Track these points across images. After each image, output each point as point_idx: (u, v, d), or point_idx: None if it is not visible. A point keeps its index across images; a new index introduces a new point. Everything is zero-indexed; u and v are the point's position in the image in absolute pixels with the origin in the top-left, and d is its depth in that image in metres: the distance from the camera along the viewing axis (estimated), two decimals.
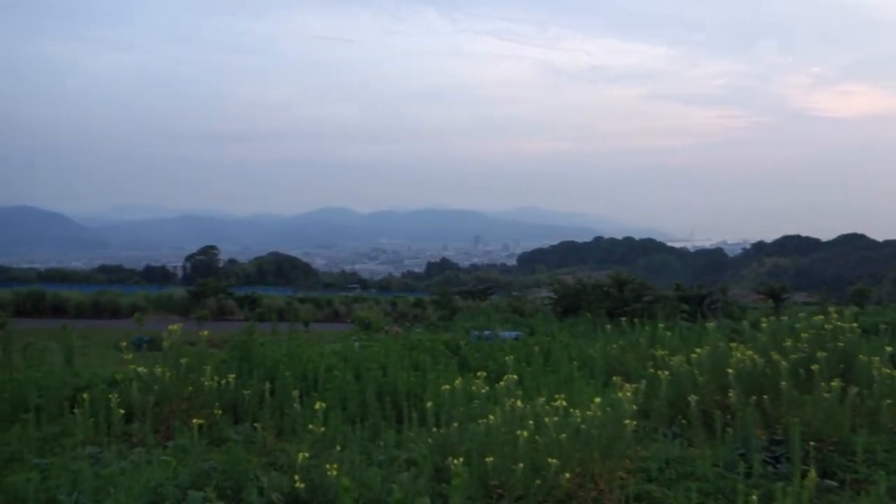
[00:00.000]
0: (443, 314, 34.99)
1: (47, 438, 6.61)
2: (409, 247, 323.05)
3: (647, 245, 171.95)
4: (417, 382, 8.58)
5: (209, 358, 8.90)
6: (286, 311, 33.56)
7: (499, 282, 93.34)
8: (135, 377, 7.16)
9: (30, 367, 9.05)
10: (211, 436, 6.90)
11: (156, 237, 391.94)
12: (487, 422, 5.32)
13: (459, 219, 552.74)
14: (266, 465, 6.03)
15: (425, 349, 10.41)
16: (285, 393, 7.69)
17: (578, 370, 9.41)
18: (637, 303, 29.01)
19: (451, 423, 5.63)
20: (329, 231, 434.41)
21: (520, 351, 11.14)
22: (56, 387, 7.98)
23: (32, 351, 9.71)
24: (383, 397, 8.09)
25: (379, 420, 7.28)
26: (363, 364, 8.97)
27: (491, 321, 30.02)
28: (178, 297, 34.69)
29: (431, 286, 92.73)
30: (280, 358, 8.79)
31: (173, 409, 7.06)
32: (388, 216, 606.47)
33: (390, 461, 6.06)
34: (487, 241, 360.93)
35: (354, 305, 37.25)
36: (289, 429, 7.17)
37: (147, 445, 6.42)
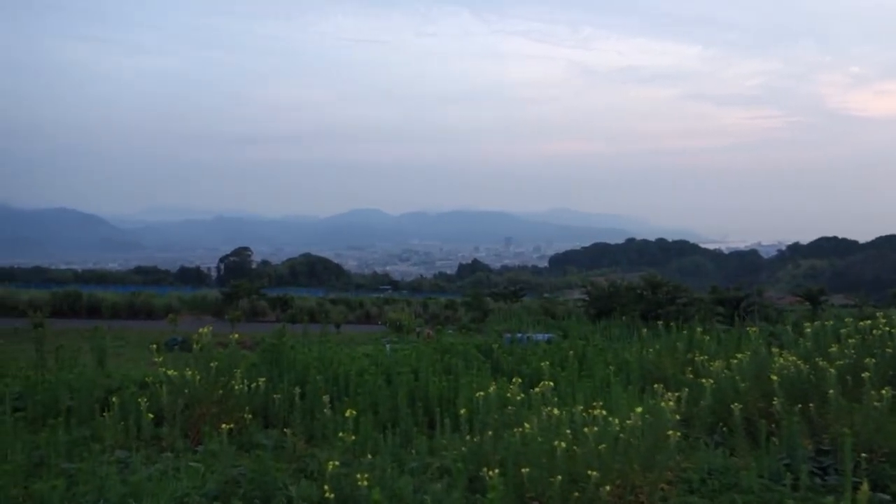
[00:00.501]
0: (474, 316, 34.81)
1: (77, 442, 6.56)
2: (440, 248, 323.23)
3: (680, 247, 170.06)
4: (450, 387, 8.42)
5: (240, 361, 8.83)
6: (318, 313, 33.61)
7: (530, 283, 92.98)
8: (165, 380, 7.09)
9: (61, 368, 9.04)
10: (241, 441, 6.81)
11: (190, 238, 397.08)
12: (523, 430, 5.13)
13: (491, 220, 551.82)
14: (296, 472, 5.91)
15: (457, 353, 10.24)
16: (316, 397, 7.57)
17: (614, 375, 9.17)
18: (671, 305, 28.57)
19: (486, 430, 5.45)
20: (360, 232, 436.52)
21: (553, 355, 10.92)
22: (87, 389, 7.95)
23: (64, 352, 9.71)
24: (415, 402, 7.94)
25: (410, 426, 7.13)
26: (394, 368, 8.83)
27: (523, 323, 29.79)
28: (211, 298, 34.93)
29: (463, 287, 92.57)
30: (311, 362, 8.69)
31: (203, 413, 6.98)
32: (420, 217, 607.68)
33: (423, 469, 5.90)
34: (519, 242, 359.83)
35: (386, 307, 37.19)
36: (319, 434, 7.05)
37: (176, 450, 6.34)
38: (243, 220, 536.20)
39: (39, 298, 31.46)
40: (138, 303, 32.04)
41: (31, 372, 9.26)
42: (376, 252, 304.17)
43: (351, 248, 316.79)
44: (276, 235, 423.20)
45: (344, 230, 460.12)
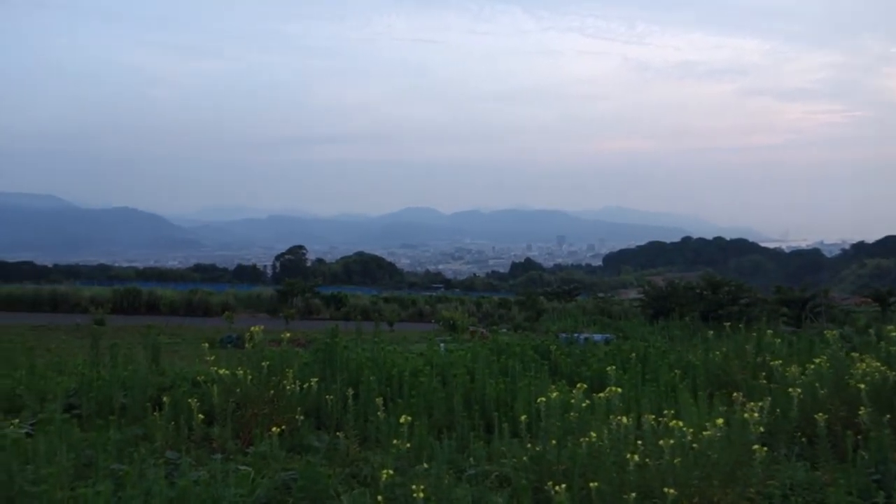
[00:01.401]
0: (528, 315, 34.36)
1: (128, 441, 6.44)
2: (492, 247, 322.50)
3: (739, 245, 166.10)
4: (507, 390, 8.10)
5: (292, 360, 8.65)
6: (371, 311, 33.58)
7: (584, 283, 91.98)
8: (216, 379, 6.93)
9: (115, 366, 9.00)
10: (292, 443, 6.60)
11: (247, 237, 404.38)
12: (589, 440, 4.78)
13: (543, 219, 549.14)
14: (348, 477, 5.67)
15: (514, 354, 9.91)
16: (369, 399, 7.34)
17: (680, 380, 8.73)
18: (733, 306, 27.72)
19: (548, 438, 5.12)
20: (413, 231, 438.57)
21: (614, 357, 10.51)
22: (140, 387, 7.86)
23: (118, 349, 9.68)
24: (471, 405, 7.64)
25: (467, 431, 6.83)
26: (449, 369, 8.55)
27: (578, 323, 29.34)
28: (266, 295, 35.22)
29: (515, 286, 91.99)
30: (364, 362, 8.46)
31: (254, 414, 6.79)
32: (472, 216, 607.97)
33: (481, 478, 5.60)
34: (572, 241, 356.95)
35: (439, 305, 36.97)
36: (373, 437, 6.81)
37: (227, 452, 6.16)
38: (299, 220, 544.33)
39: (101, 295, 32.10)
40: (195, 300, 32.46)
41: (86, 369, 9.24)
42: (429, 251, 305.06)
43: (404, 246, 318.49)
44: (331, 234, 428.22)
45: (397, 229, 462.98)
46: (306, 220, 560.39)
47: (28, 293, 32.06)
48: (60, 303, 31.15)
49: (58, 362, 10.20)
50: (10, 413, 7.83)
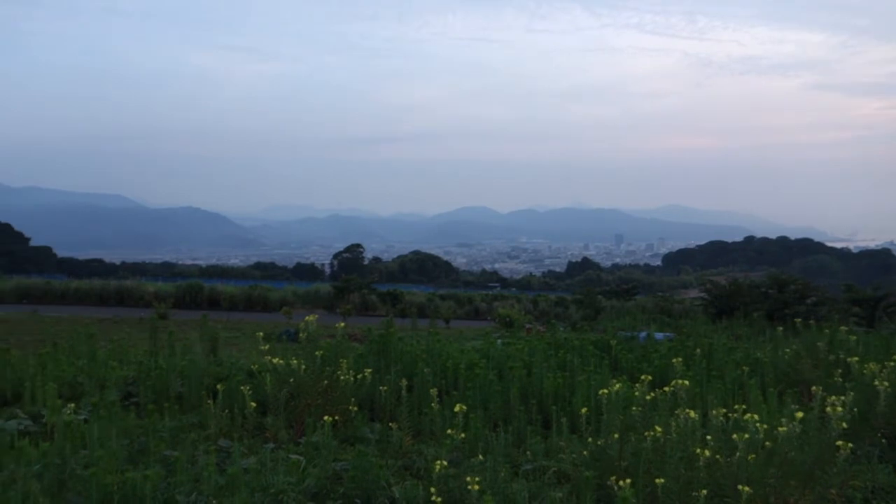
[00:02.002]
0: (586, 314, 33.85)
1: (183, 428, 6.42)
2: (549, 246, 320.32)
3: (804, 245, 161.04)
4: (565, 384, 7.85)
5: (347, 351, 8.56)
6: (427, 308, 33.54)
7: (642, 282, 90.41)
8: (270, 369, 6.87)
9: (172, 355, 9.05)
10: (345, 433, 6.50)
11: (306, 236, 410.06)
12: (654, 434, 4.52)
13: (601, 217, 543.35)
14: (400, 470, 5.52)
15: (573, 348, 9.63)
16: (424, 391, 7.18)
17: (747, 377, 8.34)
18: (800, 305, 26.79)
19: (610, 433, 4.87)
20: (469, 230, 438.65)
21: (677, 353, 10.13)
22: (196, 376, 7.86)
23: (174, 339, 9.74)
24: (528, 399, 7.42)
25: (524, 424, 6.61)
26: (506, 362, 8.34)
27: (637, 322, 28.74)
28: (324, 292, 35.50)
29: (572, 286, 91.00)
30: (419, 354, 8.31)
31: (308, 404, 6.70)
32: (529, 215, 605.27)
33: (538, 473, 5.38)
34: (630, 240, 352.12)
35: (495, 303, 36.73)
36: (427, 429, 6.65)
37: (279, 441, 6.08)
38: (357, 218, 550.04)
39: (165, 290, 32.81)
40: (255, 296, 32.90)
41: (144, 359, 9.33)
42: (485, 250, 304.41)
43: (460, 245, 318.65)
44: (388, 233, 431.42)
45: (453, 228, 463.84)
46: (364, 219, 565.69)
47: (95, 288, 32.96)
48: (126, 297, 31.96)
49: (119, 352, 10.34)
50: (72, 399, 7.94)
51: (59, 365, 8.69)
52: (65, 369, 8.58)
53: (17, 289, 32.07)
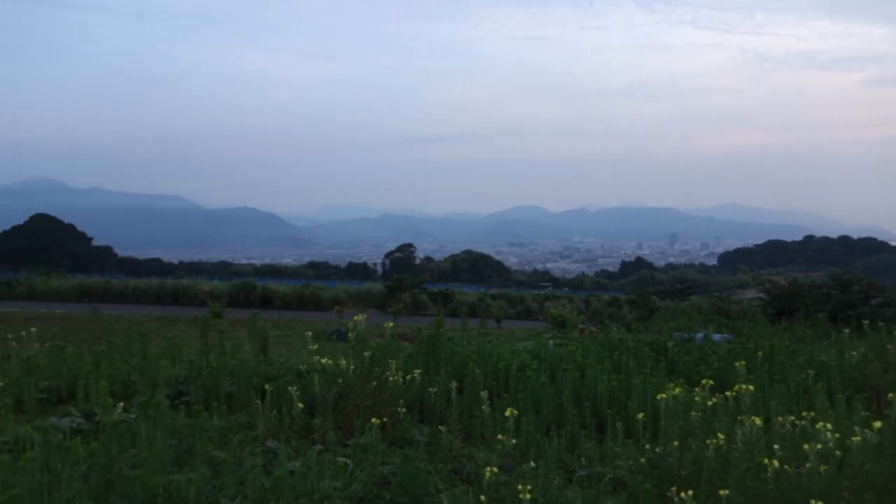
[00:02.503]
0: (640, 314, 33.27)
1: (232, 428, 6.38)
2: (602, 245, 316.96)
3: (867, 244, 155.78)
4: (620, 387, 7.61)
5: (396, 351, 8.45)
6: (478, 307, 33.38)
7: (698, 282, 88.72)
8: (318, 369, 6.79)
9: (222, 354, 9.07)
10: (394, 435, 6.38)
11: (359, 235, 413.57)
12: (717, 443, 4.28)
13: (655, 217, 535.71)
14: (449, 474, 5.37)
15: (627, 350, 9.35)
16: (474, 393, 7.03)
17: (813, 381, 7.98)
18: (864, 306, 25.84)
19: (668, 439, 4.63)
20: (521, 229, 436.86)
21: (737, 355, 9.77)
22: (246, 375, 7.85)
23: (224, 337, 9.78)
24: (582, 402, 7.20)
25: (577, 429, 6.41)
26: (559, 364, 8.12)
27: (693, 322, 28.10)
28: (375, 291, 35.64)
29: (625, 286, 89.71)
30: (469, 355, 8.15)
31: (356, 405, 6.61)
32: (581, 214, 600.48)
33: (593, 479, 5.18)
34: (685, 239, 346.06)
35: (547, 303, 36.36)
36: (477, 432, 6.49)
37: (327, 443, 5.99)
38: (409, 218, 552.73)
39: (219, 289, 33.34)
40: (307, 295, 33.19)
41: (195, 357, 9.37)
42: (537, 249, 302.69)
43: (512, 244, 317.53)
44: (440, 232, 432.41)
45: (505, 227, 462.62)
46: (416, 218, 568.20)
47: (153, 287, 33.67)
48: (182, 296, 32.57)
49: (172, 350, 10.42)
50: (124, 398, 8.01)
51: (112, 363, 8.79)
52: (118, 367, 8.66)
53: (79, 287, 32.95)
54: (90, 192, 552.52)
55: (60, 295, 31.74)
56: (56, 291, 32.16)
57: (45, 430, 6.12)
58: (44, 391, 7.93)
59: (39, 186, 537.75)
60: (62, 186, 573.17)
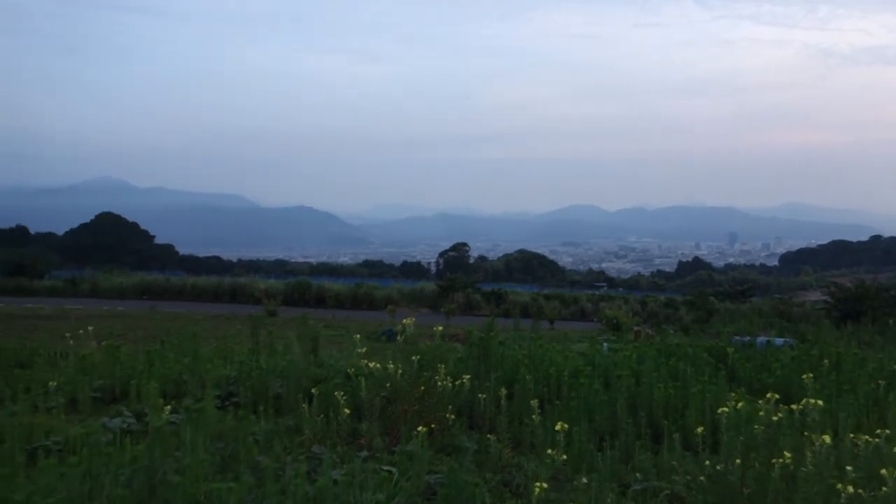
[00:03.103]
0: (698, 316, 32.51)
1: (279, 432, 6.33)
2: (659, 245, 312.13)
3: None
4: (677, 395, 7.32)
5: (446, 354, 8.31)
6: (531, 308, 33.08)
7: (758, 283, 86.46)
8: (365, 373, 6.70)
9: (272, 354, 9.06)
10: (442, 442, 6.23)
11: (413, 234, 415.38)
12: (784, 461, 4.01)
13: (714, 216, 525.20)
14: (498, 485, 5.20)
15: (685, 356, 9.04)
16: (525, 399, 6.84)
17: (884, 392, 7.56)
18: None
19: (730, 456, 4.38)
20: (576, 229, 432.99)
21: (801, 362, 9.37)
22: (295, 377, 7.81)
23: (274, 338, 9.78)
24: (636, 411, 6.95)
25: (632, 439, 6.16)
26: (613, 370, 7.87)
27: (753, 325, 27.32)
28: (428, 290, 35.62)
29: (683, 286, 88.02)
30: (521, 359, 7.96)
31: (404, 410, 6.48)
32: (638, 213, 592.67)
33: (648, 494, 4.95)
34: (745, 239, 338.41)
35: (601, 304, 35.83)
36: (527, 441, 6.31)
37: (373, 449, 5.88)
38: (463, 217, 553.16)
39: (275, 288, 33.75)
40: (360, 294, 33.36)
41: (245, 358, 9.39)
42: (591, 249, 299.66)
43: (566, 244, 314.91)
44: (494, 231, 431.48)
45: (559, 227, 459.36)
46: (470, 217, 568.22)
47: (211, 285, 34.29)
48: (238, 294, 33.07)
49: (224, 350, 10.49)
50: (176, 397, 8.05)
51: (165, 362, 8.86)
52: (171, 367, 8.72)
53: (140, 285, 33.75)
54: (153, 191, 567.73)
55: (122, 292, 32.55)
56: (118, 289, 32.99)
57: (94, 430, 6.17)
58: (98, 390, 8.03)
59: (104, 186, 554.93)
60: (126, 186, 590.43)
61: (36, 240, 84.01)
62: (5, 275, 35.27)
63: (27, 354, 10.01)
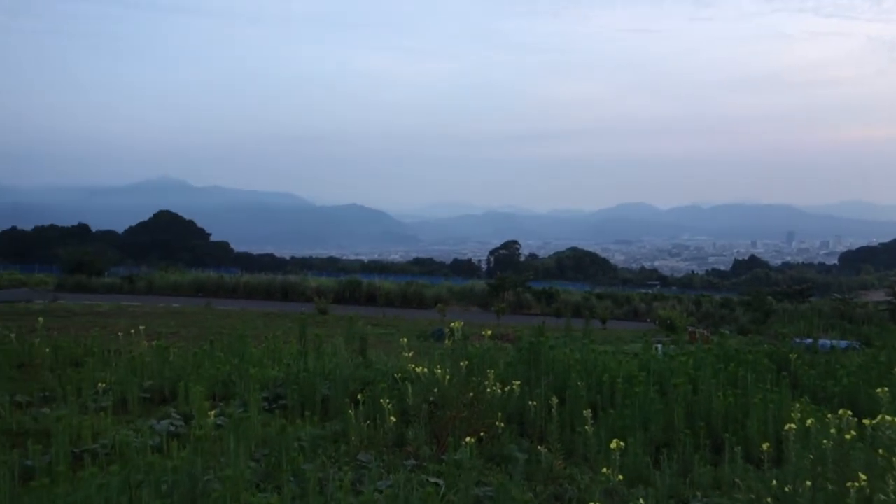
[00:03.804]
0: (754, 316, 31.68)
1: (325, 437, 6.23)
2: (713, 243, 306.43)
3: None
4: (737, 404, 7.00)
5: (495, 358, 8.13)
6: (583, 307, 32.66)
7: (817, 283, 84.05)
8: (412, 378, 6.55)
9: (321, 357, 8.99)
10: (491, 450, 6.05)
11: (463, 232, 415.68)
12: (860, 485, 3.73)
13: (771, 214, 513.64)
14: (550, 499, 5.00)
15: (745, 362, 8.65)
16: (576, 406, 6.61)
17: None
18: None
19: (800, 478, 4.10)
20: (628, 227, 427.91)
21: (869, 370, 8.92)
22: (342, 380, 7.71)
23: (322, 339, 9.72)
24: (694, 420, 6.66)
25: (690, 451, 5.89)
26: (669, 377, 7.58)
27: (813, 327, 26.49)
28: (478, 289, 35.44)
29: (738, 285, 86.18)
30: (572, 364, 7.72)
31: (452, 416, 6.32)
32: (691, 211, 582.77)
33: None
34: (803, 237, 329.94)
35: (655, 303, 35.17)
36: (580, 451, 6.08)
37: (420, 458, 5.73)
38: (513, 215, 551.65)
39: (326, 286, 33.98)
40: (411, 292, 33.35)
41: (293, 360, 9.34)
42: (644, 247, 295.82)
43: (618, 242, 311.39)
44: (545, 229, 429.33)
45: (611, 224, 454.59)
46: (521, 215, 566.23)
47: (263, 283, 34.69)
48: (291, 292, 33.37)
49: (273, 350, 10.46)
50: (224, 398, 8.04)
51: (214, 363, 8.86)
52: (219, 367, 8.72)
53: (195, 282, 34.31)
54: (209, 189, 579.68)
55: (177, 289, 33.14)
56: (173, 286, 33.59)
57: (142, 432, 6.15)
58: (148, 390, 8.05)
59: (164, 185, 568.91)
60: (183, 184, 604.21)
61: (97, 237, 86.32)
62: (66, 272, 36.23)
63: (81, 353, 10.14)
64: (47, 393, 7.90)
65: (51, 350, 10.05)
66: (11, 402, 7.46)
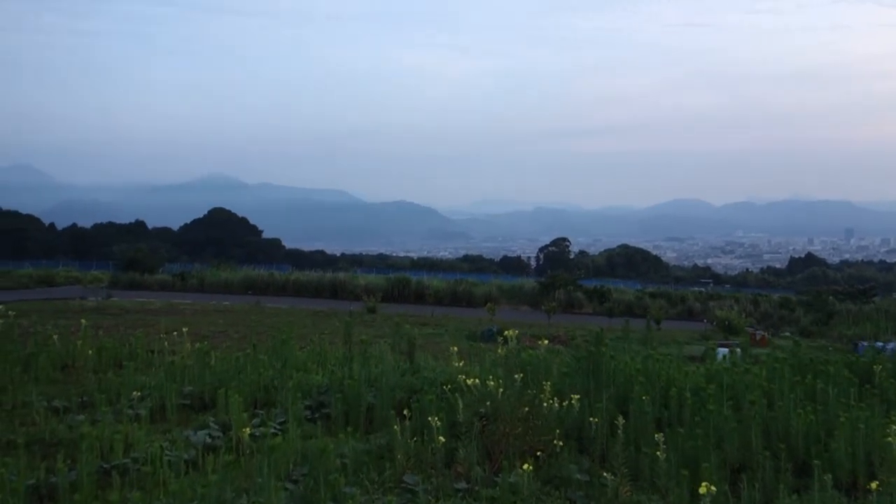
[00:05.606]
0: (816, 318, 30.39)
1: (370, 453, 5.81)
2: (768, 240, 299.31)
3: None
4: (818, 421, 6.36)
5: (551, 367, 7.61)
6: (636, 306, 31.77)
7: (878, 281, 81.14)
8: (462, 390, 6.09)
9: (365, 363, 8.58)
10: (549, 472, 5.55)
11: (512, 229, 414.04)
12: None
13: (828, 210, 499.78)
14: None
15: (825, 373, 7.96)
16: (642, 423, 6.07)
17: None
18: None
19: None
20: (680, 223, 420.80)
21: None
22: (388, 389, 7.29)
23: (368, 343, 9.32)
24: (772, 440, 6.06)
25: (770, 474, 5.31)
26: (743, 392, 6.97)
27: (879, 329, 25.33)
28: (528, 287, 34.74)
29: (794, 283, 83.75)
30: (634, 374, 7.15)
31: (506, 432, 5.84)
32: (745, 207, 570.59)
33: None
34: (862, 234, 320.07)
35: (710, 303, 34.01)
36: (646, 474, 5.54)
37: (472, 479, 5.26)
38: (563, 212, 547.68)
39: (375, 284, 33.68)
40: (460, 291, 32.85)
41: (337, 366, 8.96)
42: (697, 244, 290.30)
43: (670, 239, 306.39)
44: (595, 226, 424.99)
45: (663, 221, 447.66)
46: (570, 212, 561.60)
47: (312, 280, 34.56)
48: (339, 290, 33.18)
49: (318, 353, 10.12)
50: (266, 406, 7.70)
51: (256, 367, 8.53)
52: (262, 372, 8.39)
53: (245, 280, 34.37)
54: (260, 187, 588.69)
55: (228, 287, 33.24)
56: (224, 283, 33.71)
57: (176, 445, 5.82)
58: (187, 397, 7.75)
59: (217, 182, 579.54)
60: (236, 182, 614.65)
61: (153, 235, 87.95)
62: (121, 269, 36.70)
63: (126, 355, 9.94)
64: (85, 398, 7.66)
65: (94, 351, 9.87)
66: (48, 408, 7.23)
